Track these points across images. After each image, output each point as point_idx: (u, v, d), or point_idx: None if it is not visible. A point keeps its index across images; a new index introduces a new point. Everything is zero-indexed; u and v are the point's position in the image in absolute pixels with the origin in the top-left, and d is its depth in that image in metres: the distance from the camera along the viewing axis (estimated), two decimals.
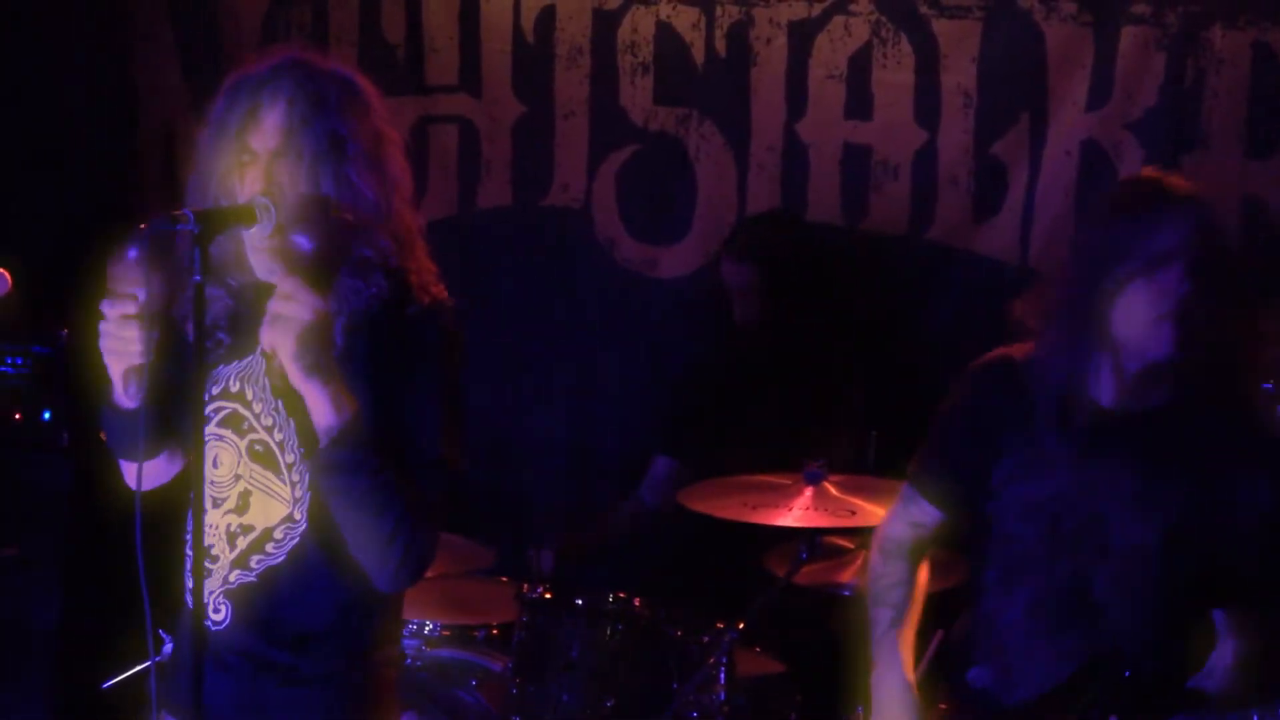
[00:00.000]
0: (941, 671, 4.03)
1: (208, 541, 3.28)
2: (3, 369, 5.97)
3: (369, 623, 3.31)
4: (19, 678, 5.92)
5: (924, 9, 5.76)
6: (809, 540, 4.75)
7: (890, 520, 3.98)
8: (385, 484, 3.09)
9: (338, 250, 3.05)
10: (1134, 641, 3.47)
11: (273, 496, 3.24)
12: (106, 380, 3.16)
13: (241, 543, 3.26)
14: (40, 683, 5.91)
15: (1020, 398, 3.62)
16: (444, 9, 6.30)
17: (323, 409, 3.05)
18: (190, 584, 3.24)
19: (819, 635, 5.32)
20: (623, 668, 4.72)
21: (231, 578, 3.26)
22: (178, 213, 2.93)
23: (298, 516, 3.22)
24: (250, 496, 3.25)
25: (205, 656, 3.15)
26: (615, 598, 4.78)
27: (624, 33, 6.11)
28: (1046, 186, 5.69)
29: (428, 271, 3.27)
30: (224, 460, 3.28)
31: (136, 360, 3.09)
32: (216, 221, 3.00)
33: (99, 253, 3.74)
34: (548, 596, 4.80)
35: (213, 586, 3.28)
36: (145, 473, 3.32)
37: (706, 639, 4.73)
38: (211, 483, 3.28)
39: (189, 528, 3.29)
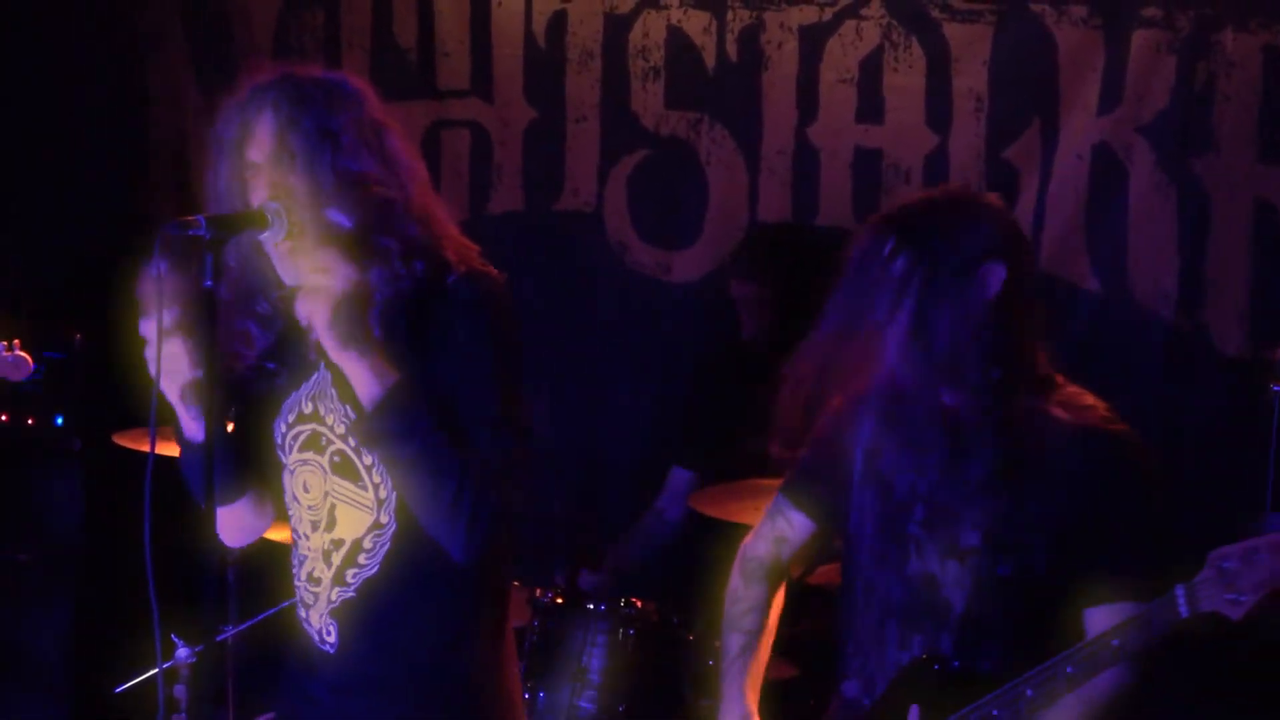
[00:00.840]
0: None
1: (310, 566, 3.32)
2: None
3: (475, 626, 3.31)
4: (32, 682, 5.93)
5: (935, 13, 5.76)
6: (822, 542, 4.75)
7: (754, 538, 3.86)
8: (438, 447, 3.08)
9: (373, 226, 3.09)
10: (980, 641, 3.45)
11: (355, 506, 3.25)
12: (171, 414, 3.16)
13: (336, 559, 3.28)
14: (52, 687, 5.93)
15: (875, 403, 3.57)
16: (456, 14, 6.31)
17: (363, 379, 3.08)
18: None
19: (832, 638, 5.32)
20: (635, 672, 4.73)
21: (334, 596, 3.28)
22: (189, 218, 2.95)
23: (384, 520, 3.22)
24: (336, 510, 3.27)
25: (323, 679, 3.30)
26: (627, 602, 4.79)
27: (635, 37, 6.12)
28: (1058, 190, 5.69)
29: (466, 249, 3.27)
30: (312, 483, 3.30)
31: (189, 376, 3.11)
32: (228, 226, 3.02)
33: (111, 259, 3.76)
34: (560, 601, 4.81)
35: (321, 610, 3.30)
36: (234, 521, 3.40)
37: (719, 643, 4.73)
38: (309, 507, 3.31)
39: (297, 559, 3.37)
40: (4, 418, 5.98)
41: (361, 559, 3.25)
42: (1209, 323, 5.56)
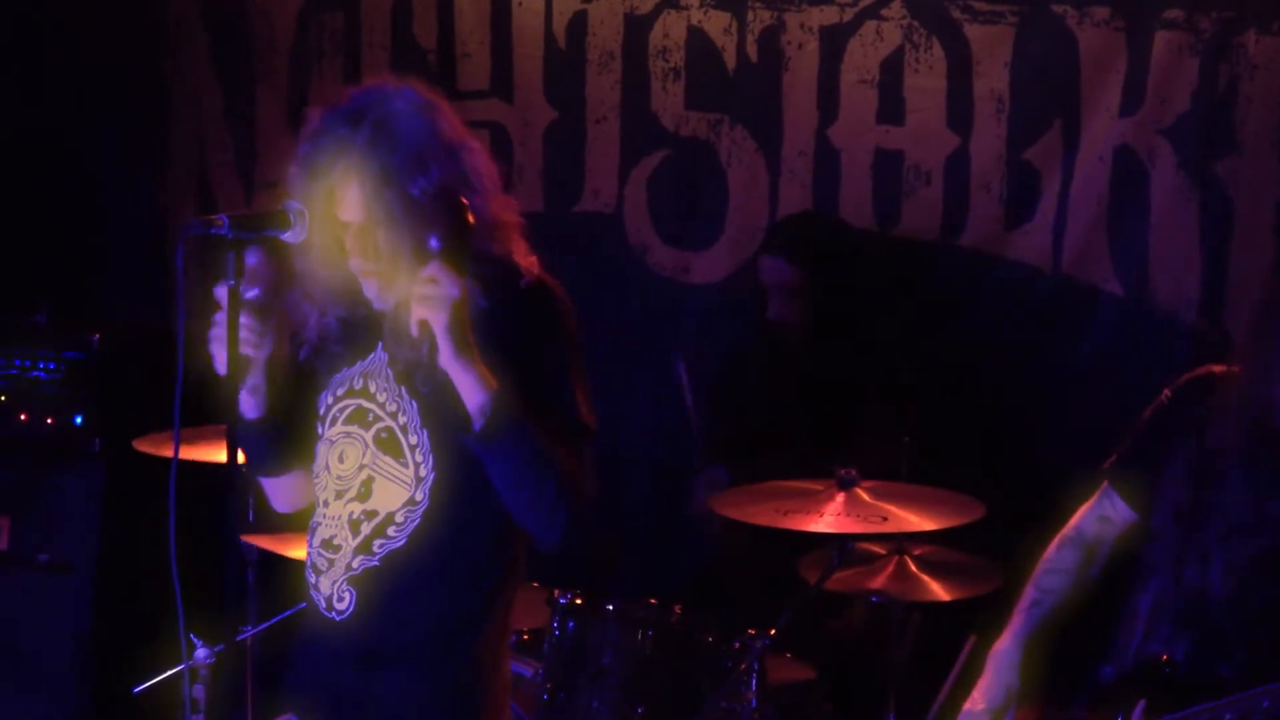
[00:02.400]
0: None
1: (329, 533, 3.42)
2: (35, 374, 5.99)
3: (486, 611, 3.43)
4: (50, 682, 5.94)
5: (956, 14, 5.75)
6: (841, 546, 4.75)
7: (1083, 514, 4.03)
8: (542, 453, 3.22)
9: (467, 245, 3.19)
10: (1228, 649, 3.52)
11: (394, 481, 3.36)
12: (232, 397, 3.22)
13: (365, 528, 3.37)
14: (70, 687, 5.93)
15: (1211, 409, 3.74)
16: (476, 14, 6.31)
17: (472, 387, 3.18)
18: (311, 579, 3.45)
19: (850, 642, 5.32)
20: (654, 674, 4.72)
21: (355, 564, 3.38)
22: (212, 218, 3.03)
23: (419, 498, 3.34)
24: (373, 483, 3.38)
25: (326, 649, 3.40)
26: (646, 604, 4.78)
27: (655, 38, 6.11)
28: (1079, 192, 5.67)
29: (523, 253, 3.41)
30: (349, 455, 3.41)
31: (247, 351, 3.25)
32: (250, 226, 3.09)
33: (131, 259, 3.77)
34: (579, 602, 4.80)
35: (335, 576, 3.40)
36: (285, 489, 3.60)
37: (738, 645, 4.73)
38: (339, 477, 3.42)
39: (312, 525, 3.49)
40: (23, 418, 5.99)
41: (391, 531, 3.35)
42: (1231, 326, 5.54)
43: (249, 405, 3.38)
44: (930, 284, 5.90)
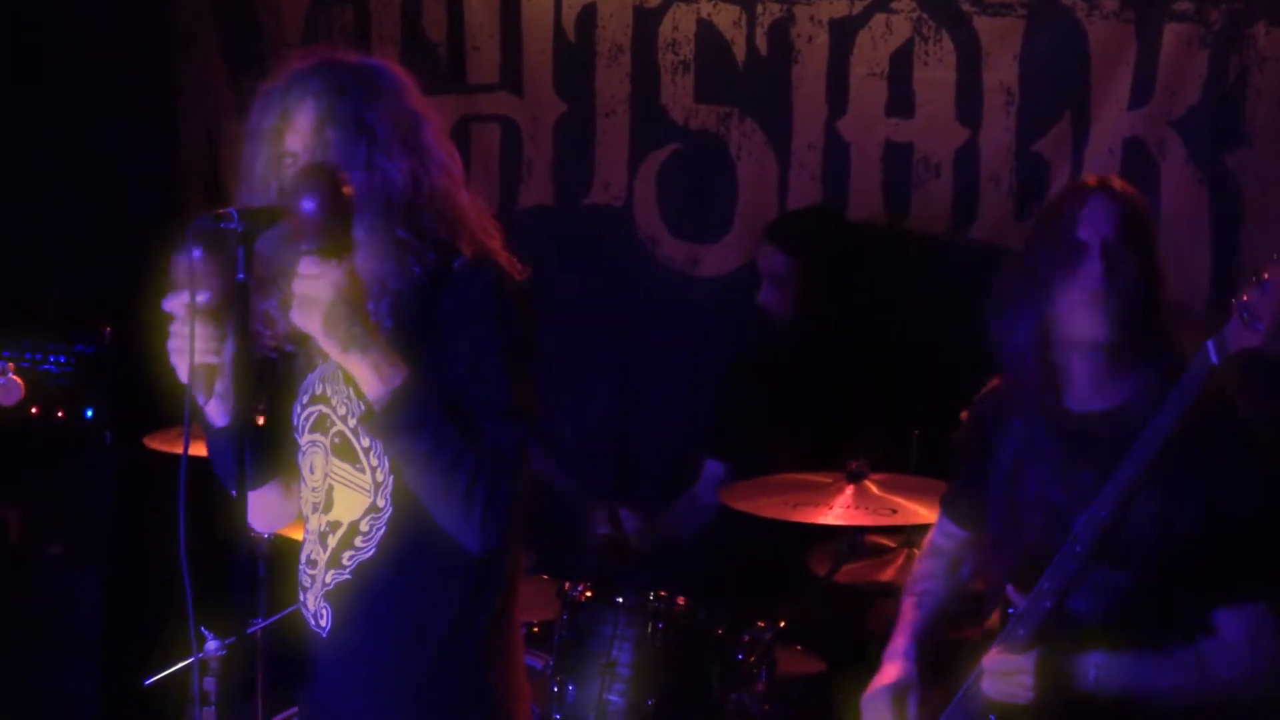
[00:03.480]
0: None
1: (308, 549, 3.33)
2: (46, 367, 6.00)
3: (474, 612, 3.27)
4: (63, 675, 5.95)
5: (966, 6, 5.74)
6: (850, 539, 4.75)
7: (932, 533, 4.12)
8: (450, 441, 3.07)
9: (346, 219, 3.02)
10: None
11: (353, 488, 3.25)
12: (196, 404, 3.18)
13: (331, 541, 3.27)
14: (84, 679, 5.94)
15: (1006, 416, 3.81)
16: (485, 8, 6.31)
17: (368, 379, 3.07)
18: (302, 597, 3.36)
19: (860, 634, 5.32)
20: (664, 666, 4.72)
21: (328, 579, 3.28)
22: (221, 211, 2.96)
23: (381, 504, 3.22)
24: (334, 492, 3.28)
25: (319, 665, 3.29)
26: (656, 596, 4.78)
27: (665, 30, 6.11)
28: None
29: (485, 240, 3.27)
30: (316, 465, 3.32)
31: (207, 359, 3.13)
32: (260, 219, 3.03)
33: (142, 253, 3.77)
34: (589, 595, 4.81)
35: (316, 592, 3.30)
36: (262, 506, 3.44)
37: (747, 637, 4.74)
38: (313, 489, 3.33)
39: (304, 540, 3.37)
40: (35, 411, 6.00)
41: (358, 541, 3.24)
42: None
43: (217, 412, 3.25)
44: (940, 276, 5.90)
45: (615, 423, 6.34)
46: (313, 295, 3.01)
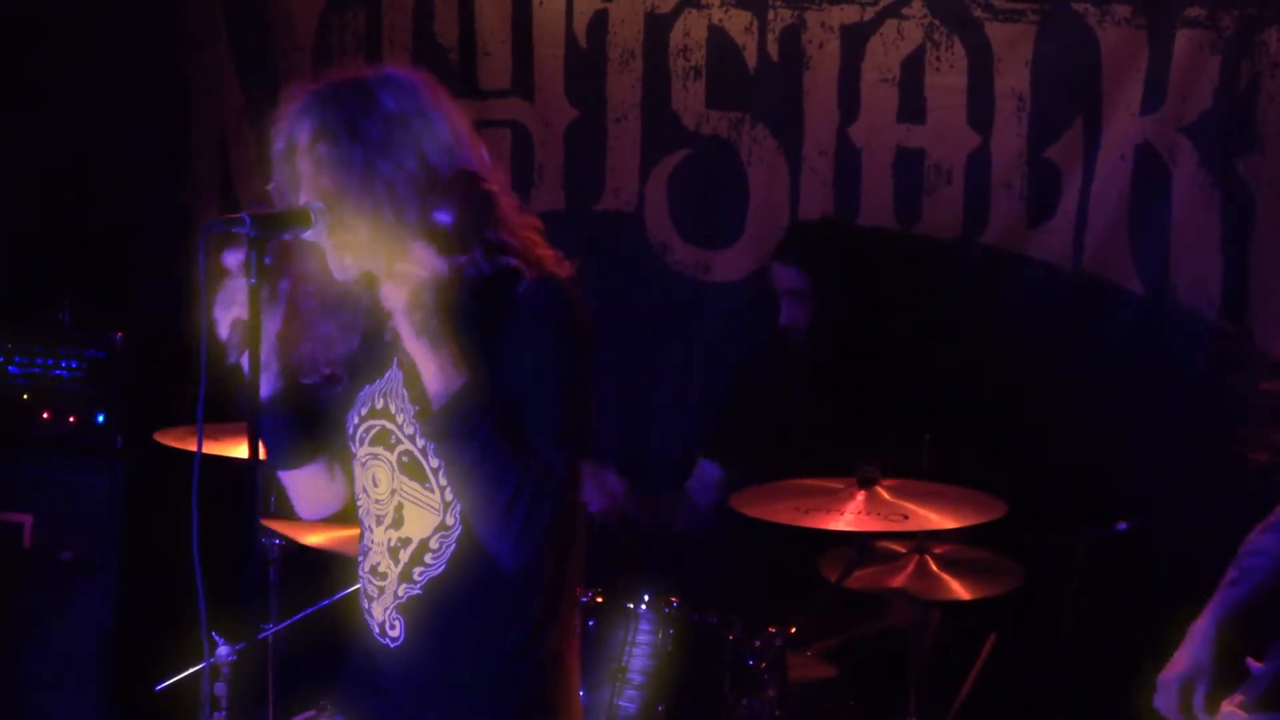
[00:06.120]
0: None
1: (376, 559, 3.35)
2: (58, 372, 6.01)
3: (543, 624, 3.31)
4: (72, 679, 5.96)
5: (978, 12, 5.74)
6: (861, 544, 4.75)
7: None
8: (498, 453, 3.09)
9: (474, 223, 3.13)
10: None
11: (422, 507, 3.27)
12: (243, 380, 3.14)
13: (403, 556, 3.30)
14: (93, 684, 5.95)
15: None
16: (497, 13, 6.31)
17: (432, 373, 3.10)
18: (365, 605, 3.38)
19: (871, 640, 5.32)
20: (675, 672, 4.72)
21: (400, 592, 3.30)
22: (234, 216, 2.99)
23: (450, 522, 3.24)
24: (403, 509, 3.30)
25: (385, 675, 3.33)
26: (667, 602, 4.78)
27: (676, 36, 6.11)
28: (1100, 190, 5.67)
29: (537, 249, 3.30)
30: (381, 478, 3.33)
31: (242, 314, 3.10)
32: (272, 224, 3.05)
33: (154, 258, 3.78)
34: (600, 600, 4.80)
35: (386, 604, 3.33)
36: (305, 486, 3.49)
37: (759, 644, 4.73)
38: (376, 501, 3.34)
39: (362, 549, 3.41)
40: (46, 416, 6.00)
41: (428, 559, 3.27)
42: (1253, 325, 5.53)
43: (262, 385, 3.22)
44: (951, 282, 5.89)
45: (624, 427, 6.34)
46: (408, 272, 3.06)
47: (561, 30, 6.24)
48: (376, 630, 3.35)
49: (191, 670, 4.75)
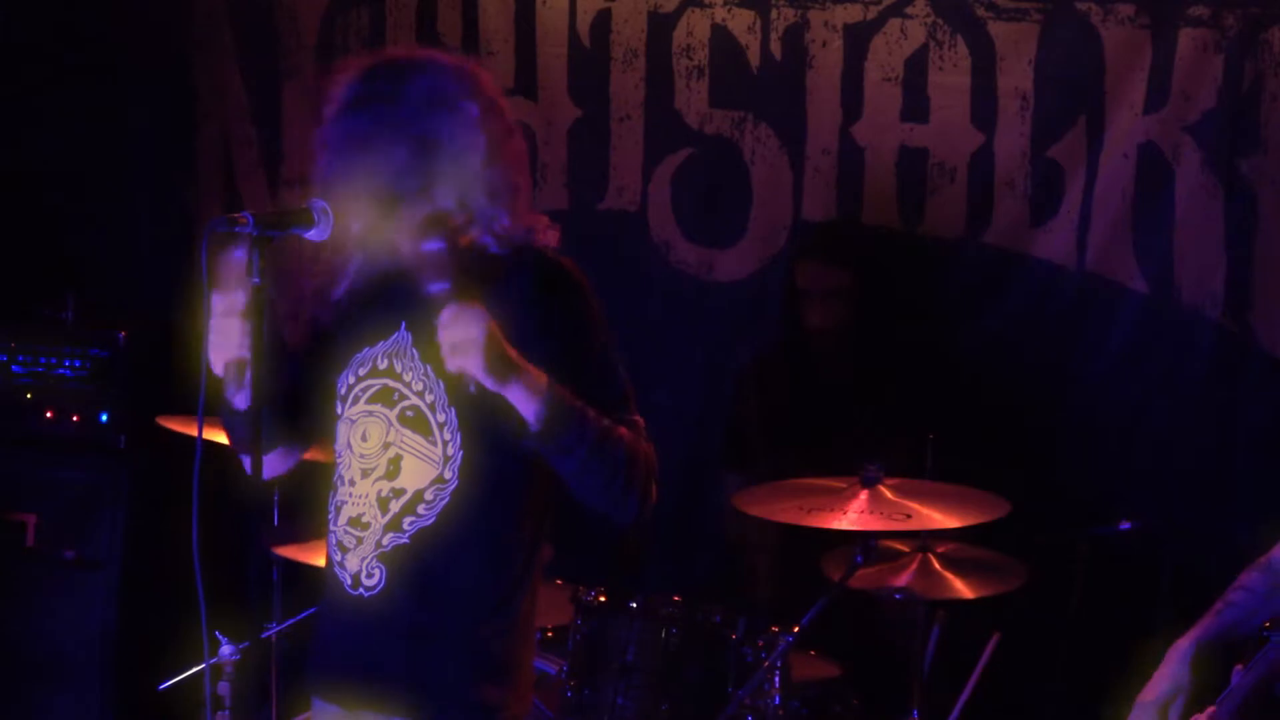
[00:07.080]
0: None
1: (357, 511, 3.45)
2: (61, 371, 6.01)
3: (519, 583, 3.46)
4: (78, 678, 5.96)
5: (981, 11, 5.74)
6: (865, 544, 4.75)
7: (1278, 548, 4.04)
8: (602, 438, 3.30)
9: (493, 208, 3.39)
10: None
11: (422, 459, 3.39)
12: (218, 385, 3.27)
13: (394, 506, 3.40)
14: (98, 683, 5.95)
15: None
16: (500, 12, 6.31)
17: (523, 399, 3.23)
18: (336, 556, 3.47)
19: (875, 639, 5.32)
20: (678, 671, 4.72)
21: (385, 541, 3.41)
22: (237, 215, 3.03)
23: (448, 476, 3.38)
24: (401, 461, 3.41)
25: (354, 626, 3.43)
26: (671, 601, 4.78)
27: (679, 36, 6.11)
28: (1104, 189, 5.66)
29: (530, 219, 3.53)
30: (372, 433, 3.45)
31: (239, 354, 3.19)
32: (275, 224, 3.09)
33: (157, 258, 3.79)
34: (603, 599, 4.81)
35: (365, 553, 3.43)
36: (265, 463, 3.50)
37: (762, 642, 4.73)
38: (362, 456, 3.45)
39: (331, 506, 3.51)
40: (49, 415, 6.01)
41: (421, 509, 3.39)
42: (1256, 324, 5.53)
43: (239, 399, 3.33)
44: (955, 281, 5.89)
45: None
46: (466, 338, 3.15)
47: (564, 29, 6.24)
48: (349, 582, 3.44)
49: (195, 669, 4.75)
